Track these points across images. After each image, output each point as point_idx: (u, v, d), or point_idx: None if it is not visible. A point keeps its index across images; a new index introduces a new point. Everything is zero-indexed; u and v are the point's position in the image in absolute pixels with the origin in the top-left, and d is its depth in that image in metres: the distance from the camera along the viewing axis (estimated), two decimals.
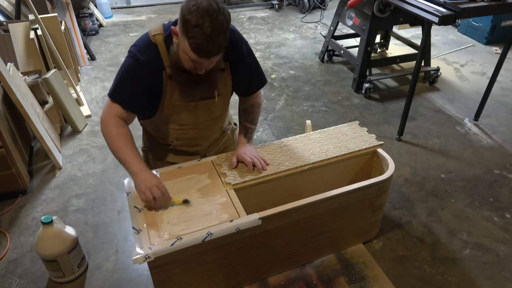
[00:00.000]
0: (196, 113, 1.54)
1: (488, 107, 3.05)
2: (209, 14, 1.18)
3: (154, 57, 1.37)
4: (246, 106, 1.68)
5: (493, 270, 1.83)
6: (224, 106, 1.62)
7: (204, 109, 1.54)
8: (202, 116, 1.56)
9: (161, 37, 1.37)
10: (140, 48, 1.38)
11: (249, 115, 1.67)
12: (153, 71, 1.39)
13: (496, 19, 4.12)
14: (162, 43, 1.37)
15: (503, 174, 2.43)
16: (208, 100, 1.52)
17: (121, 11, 5.63)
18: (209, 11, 1.18)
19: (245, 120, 1.68)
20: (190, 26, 1.18)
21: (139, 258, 1.26)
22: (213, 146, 1.78)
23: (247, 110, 1.68)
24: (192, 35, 1.19)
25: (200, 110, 1.53)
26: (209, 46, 1.21)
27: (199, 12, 1.17)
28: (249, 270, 1.64)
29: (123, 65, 1.41)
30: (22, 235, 2.04)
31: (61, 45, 3.14)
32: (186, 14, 1.19)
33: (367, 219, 1.82)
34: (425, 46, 2.57)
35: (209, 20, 1.18)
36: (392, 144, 2.72)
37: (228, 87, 1.56)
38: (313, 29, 4.88)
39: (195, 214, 1.44)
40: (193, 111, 1.52)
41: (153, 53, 1.37)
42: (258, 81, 1.65)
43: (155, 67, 1.39)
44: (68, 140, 2.80)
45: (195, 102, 1.50)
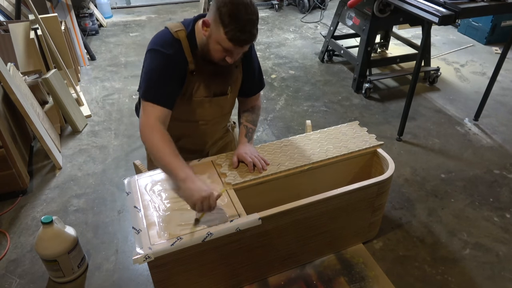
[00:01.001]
0: (210, 109, 1.56)
1: (488, 107, 3.05)
2: (244, 6, 1.26)
3: (179, 52, 1.39)
4: (247, 108, 1.71)
5: (493, 270, 1.83)
6: (232, 104, 1.66)
7: (217, 105, 1.57)
8: (214, 112, 1.59)
9: (184, 33, 1.39)
10: (165, 43, 1.38)
11: (249, 116, 1.69)
12: (180, 66, 1.41)
13: (496, 19, 4.12)
14: (185, 39, 1.39)
15: (503, 174, 2.43)
16: (221, 96, 1.55)
17: (121, 11, 5.63)
18: (242, 3, 1.26)
19: (246, 120, 1.69)
20: (227, 16, 1.25)
21: (139, 258, 1.26)
22: (216, 143, 1.80)
23: (248, 111, 1.70)
24: (228, 24, 1.26)
25: (214, 106, 1.56)
26: (245, 35, 1.28)
27: (234, 4, 1.25)
28: (249, 270, 1.64)
29: (151, 62, 1.39)
30: (22, 235, 2.04)
31: (61, 45, 3.14)
32: (221, 6, 1.26)
33: (367, 219, 1.82)
34: (425, 46, 2.57)
35: (244, 11, 1.26)
36: (392, 144, 2.72)
37: (238, 85, 1.60)
38: (313, 29, 4.88)
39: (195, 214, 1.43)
40: (207, 106, 1.55)
41: (177, 48, 1.39)
42: (259, 84, 1.69)
43: (181, 61, 1.41)
44: (68, 140, 2.80)
45: (210, 98, 1.53)
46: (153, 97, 1.37)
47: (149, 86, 1.38)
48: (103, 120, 3.03)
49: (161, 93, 1.38)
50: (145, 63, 1.41)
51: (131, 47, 4.39)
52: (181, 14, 5.46)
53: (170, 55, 1.37)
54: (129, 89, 3.49)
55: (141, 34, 4.75)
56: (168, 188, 1.56)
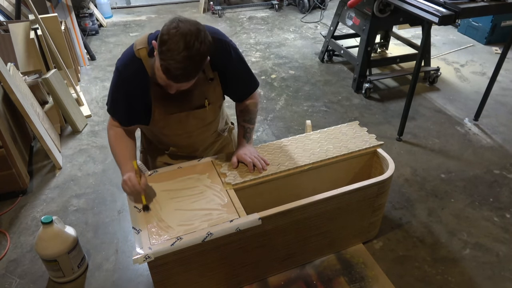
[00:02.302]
0: (188, 122, 1.53)
1: (488, 107, 3.05)
2: (185, 41, 1.15)
3: (139, 72, 1.36)
4: (242, 107, 1.66)
5: (493, 270, 1.83)
6: (215, 112, 1.61)
7: (196, 118, 1.53)
8: (194, 125, 1.56)
9: (145, 51, 1.34)
10: (125, 63, 1.37)
11: (246, 115, 1.66)
12: (140, 86, 1.38)
13: (496, 19, 4.12)
14: (146, 57, 1.34)
15: (503, 174, 2.43)
16: (199, 109, 1.51)
17: (121, 11, 5.63)
18: (186, 37, 1.15)
19: (243, 120, 1.67)
20: (164, 48, 1.16)
21: (139, 258, 1.26)
22: (210, 148, 1.78)
23: (244, 111, 1.66)
24: (163, 57, 1.18)
25: (192, 120, 1.53)
26: (178, 72, 1.19)
27: (176, 36, 1.15)
28: (249, 270, 1.64)
29: (112, 81, 1.43)
30: (22, 235, 2.04)
31: (61, 45, 3.14)
32: (164, 34, 1.17)
33: (367, 219, 1.82)
34: (425, 46, 2.57)
35: (183, 47, 1.15)
36: (392, 144, 2.72)
37: (218, 95, 1.54)
38: (313, 29, 4.88)
39: (195, 214, 1.44)
40: (185, 120, 1.52)
41: (137, 68, 1.35)
42: (251, 86, 1.63)
43: (140, 81, 1.37)
44: (68, 140, 2.80)
45: (186, 112, 1.49)
46: (115, 114, 1.49)
47: (111, 102, 1.47)
48: (103, 120, 3.03)
49: (121, 113, 1.47)
50: (112, 78, 1.44)
51: None
52: (180, 14, 5.45)
53: (127, 77, 1.37)
54: None
55: (141, 34, 4.73)
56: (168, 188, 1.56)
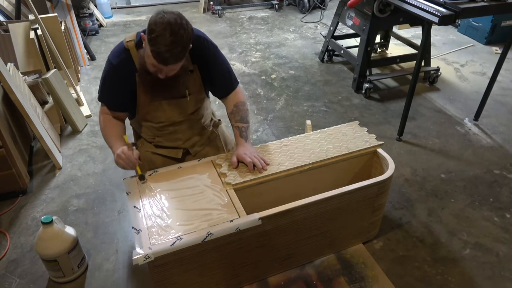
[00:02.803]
0: (171, 111, 1.67)
1: (488, 107, 3.05)
2: (170, 27, 1.33)
3: (126, 61, 1.53)
4: (231, 108, 1.75)
5: (493, 270, 1.83)
6: (196, 104, 1.73)
7: (177, 107, 1.67)
8: (176, 114, 1.69)
9: (133, 43, 1.53)
10: (114, 53, 1.55)
11: (236, 115, 1.72)
12: (127, 74, 1.55)
13: (496, 19, 4.12)
14: (133, 48, 1.52)
15: (503, 174, 2.43)
16: (180, 99, 1.66)
17: (121, 11, 5.63)
18: (171, 25, 1.33)
19: (235, 121, 1.72)
20: (153, 35, 1.34)
21: (139, 258, 1.26)
22: (196, 141, 1.83)
23: (233, 112, 1.73)
24: (153, 43, 1.35)
25: (174, 108, 1.67)
26: (167, 55, 1.36)
27: (163, 24, 1.33)
28: (249, 270, 1.64)
29: (103, 71, 1.59)
30: (22, 235, 2.04)
31: (61, 45, 3.14)
32: (152, 24, 1.35)
33: (367, 219, 1.82)
34: (425, 46, 2.57)
35: (169, 32, 1.33)
36: (392, 144, 2.72)
37: (198, 86, 1.69)
38: (313, 29, 4.88)
39: (195, 214, 1.44)
40: (167, 109, 1.66)
41: (125, 57, 1.53)
42: (229, 83, 1.74)
43: (128, 69, 1.54)
44: (68, 140, 2.80)
45: (168, 101, 1.64)
46: (104, 100, 1.64)
47: (101, 90, 1.63)
48: None
49: (110, 99, 1.62)
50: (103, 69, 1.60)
51: None
52: None
53: (115, 65, 1.54)
54: None
55: None
56: (168, 188, 1.56)
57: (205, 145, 1.87)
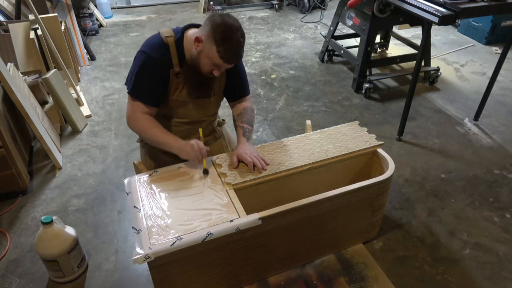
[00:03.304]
0: (193, 110, 1.69)
1: (488, 107, 3.05)
2: (236, 29, 1.44)
3: (165, 55, 1.53)
4: (238, 111, 1.77)
5: (493, 270, 1.83)
6: (217, 105, 1.79)
7: (200, 107, 1.70)
8: (197, 113, 1.71)
9: (173, 39, 1.54)
10: (153, 47, 1.53)
11: (243, 117, 1.74)
12: (164, 68, 1.55)
13: (496, 19, 4.12)
14: (173, 44, 1.53)
15: (503, 174, 2.43)
16: (204, 98, 1.68)
17: (121, 11, 5.63)
18: (235, 27, 1.44)
19: (241, 122, 1.74)
20: (221, 38, 1.42)
21: (139, 258, 1.26)
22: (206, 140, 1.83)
23: (241, 114, 1.76)
24: (221, 45, 1.42)
25: (197, 107, 1.69)
26: (235, 56, 1.47)
27: (228, 27, 1.42)
28: (249, 270, 1.64)
29: (138, 62, 1.54)
30: (22, 235, 2.04)
31: (61, 45, 3.14)
32: (216, 26, 1.42)
33: (367, 219, 1.82)
34: (425, 46, 2.57)
35: (236, 34, 1.43)
36: (392, 144, 2.72)
37: (221, 88, 1.74)
38: (313, 29, 4.88)
39: (195, 214, 1.44)
40: (191, 107, 1.68)
41: (164, 52, 1.53)
42: (244, 89, 1.79)
43: (166, 64, 1.55)
44: (68, 140, 2.80)
45: (193, 100, 1.66)
46: (139, 95, 1.58)
47: (135, 83, 1.56)
48: (103, 120, 3.03)
49: (145, 93, 1.58)
50: (135, 61, 1.57)
51: (131, 47, 4.39)
52: (181, 14, 5.46)
53: (156, 59, 1.52)
54: None
55: (141, 34, 4.75)
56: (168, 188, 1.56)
57: (213, 146, 1.88)
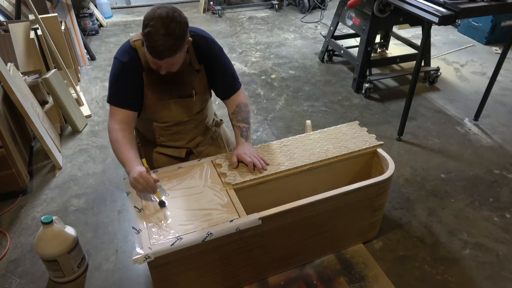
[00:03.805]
0: (176, 111, 1.68)
1: (488, 107, 3.05)
2: (162, 21, 1.34)
3: (134, 59, 1.54)
4: (233, 109, 1.75)
5: (493, 270, 1.83)
6: (202, 104, 1.75)
7: (183, 107, 1.68)
8: (181, 113, 1.70)
9: (140, 42, 1.51)
10: (122, 52, 1.55)
11: (238, 115, 1.73)
12: (135, 71, 1.55)
13: (496, 19, 4.12)
14: (140, 47, 1.52)
15: (503, 174, 2.43)
16: (186, 98, 1.67)
17: (121, 11, 5.63)
18: (162, 18, 1.34)
19: (237, 121, 1.73)
20: (146, 30, 1.36)
21: (139, 258, 1.26)
22: (200, 141, 1.85)
23: (235, 112, 1.74)
24: (147, 38, 1.37)
25: (179, 108, 1.68)
26: (160, 48, 1.36)
27: (154, 19, 1.35)
28: (249, 270, 1.64)
29: (112, 71, 1.57)
30: (22, 235, 2.04)
31: (61, 45, 3.14)
32: (145, 19, 1.38)
33: (367, 219, 1.82)
34: (425, 46, 2.57)
35: (161, 26, 1.34)
36: (392, 144, 2.72)
37: (204, 86, 1.70)
38: (313, 29, 4.88)
39: (195, 214, 1.44)
40: (173, 108, 1.67)
41: (134, 56, 1.53)
42: (232, 84, 1.75)
43: (136, 67, 1.55)
44: (68, 140, 2.80)
45: (174, 100, 1.65)
46: (115, 100, 1.57)
47: (111, 91, 1.57)
48: (103, 120, 3.03)
49: (121, 97, 1.56)
50: (111, 70, 1.59)
51: None
52: None
53: (125, 63, 1.52)
54: None
55: None
56: (168, 188, 1.56)
57: (208, 145, 1.88)
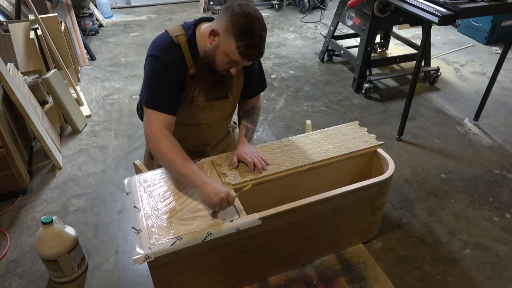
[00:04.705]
0: (211, 112, 1.58)
1: (488, 107, 3.05)
2: (257, 21, 1.27)
3: (179, 57, 1.38)
4: (247, 108, 1.71)
5: (493, 270, 1.83)
6: (234, 106, 1.67)
7: (218, 109, 1.58)
8: (215, 115, 1.60)
9: (184, 37, 1.37)
10: (164, 49, 1.37)
11: (250, 116, 1.70)
12: (179, 71, 1.40)
13: (496, 19, 4.12)
14: (185, 43, 1.37)
15: (503, 174, 2.43)
16: (222, 99, 1.56)
17: (121, 11, 5.63)
18: (257, 19, 1.27)
19: (246, 121, 1.69)
20: (241, 31, 1.25)
21: (139, 258, 1.26)
22: (217, 146, 1.81)
23: (248, 112, 1.70)
24: (241, 39, 1.26)
25: (215, 110, 1.58)
26: (256, 51, 1.31)
27: (249, 18, 1.25)
28: (249, 270, 1.64)
29: (152, 70, 1.38)
30: (22, 235, 2.04)
31: (61, 45, 3.14)
32: (236, 18, 1.25)
33: (367, 219, 1.82)
34: (425, 46, 2.57)
35: (257, 27, 1.27)
36: (392, 144, 2.72)
37: (239, 88, 1.61)
38: (313, 29, 4.88)
39: (195, 214, 1.44)
40: (209, 110, 1.57)
41: (177, 53, 1.37)
42: (261, 85, 1.70)
43: (180, 67, 1.39)
44: (68, 140, 2.80)
45: (211, 102, 1.54)
46: (156, 105, 1.38)
47: (151, 93, 1.39)
48: (103, 120, 3.03)
49: (163, 101, 1.39)
50: (146, 68, 1.41)
51: (131, 47, 4.39)
52: (181, 14, 5.46)
53: (169, 62, 1.36)
54: (129, 89, 3.49)
55: (141, 34, 4.75)
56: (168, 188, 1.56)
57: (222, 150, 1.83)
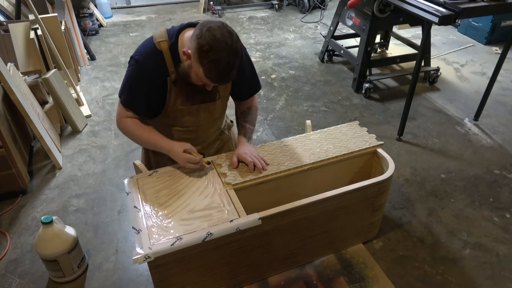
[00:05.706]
0: (198, 116, 1.59)
1: (488, 107, 3.05)
2: (226, 48, 1.23)
3: (159, 64, 1.40)
4: (243, 109, 1.72)
5: (493, 270, 1.83)
6: (223, 108, 1.68)
7: (205, 112, 1.59)
8: (203, 118, 1.61)
9: (166, 44, 1.39)
10: (145, 55, 1.40)
11: (247, 116, 1.70)
12: (159, 78, 1.43)
13: (496, 19, 4.12)
14: (167, 50, 1.39)
15: (503, 174, 2.43)
16: (209, 103, 1.57)
17: (121, 11, 5.63)
18: (224, 45, 1.22)
19: (244, 121, 1.70)
20: (207, 61, 1.24)
21: (139, 258, 1.26)
22: (211, 145, 1.80)
23: (245, 112, 1.71)
24: (208, 68, 1.26)
25: (202, 113, 1.59)
26: (223, 78, 1.31)
27: (215, 47, 1.22)
28: (249, 270, 1.64)
29: (131, 73, 1.43)
30: (22, 235, 2.04)
31: (61, 45, 3.14)
32: (202, 45, 1.23)
33: (367, 219, 1.82)
34: (425, 46, 2.57)
35: (225, 55, 1.23)
36: (392, 144, 2.72)
37: (228, 90, 1.62)
38: (313, 29, 4.88)
39: (195, 214, 1.44)
40: (195, 113, 1.58)
41: (158, 60, 1.40)
42: (254, 87, 1.70)
43: (160, 74, 1.42)
44: (68, 140, 2.80)
45: (197, 105, 1.55)
46: (127, 103, 1.49)
47: (125, 92, 1.47)
48: (103, 120, 3.03)
49: (134, 102, 1.48)
50: (128, 69, 1.45)
51: (131, 47, 4.39)
52: (181, 14, 5.46)
53: (148, 69, 1.39)
54: None
55: (141, 34, 4.75)
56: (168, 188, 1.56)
57: (219, 149, 1.83)
